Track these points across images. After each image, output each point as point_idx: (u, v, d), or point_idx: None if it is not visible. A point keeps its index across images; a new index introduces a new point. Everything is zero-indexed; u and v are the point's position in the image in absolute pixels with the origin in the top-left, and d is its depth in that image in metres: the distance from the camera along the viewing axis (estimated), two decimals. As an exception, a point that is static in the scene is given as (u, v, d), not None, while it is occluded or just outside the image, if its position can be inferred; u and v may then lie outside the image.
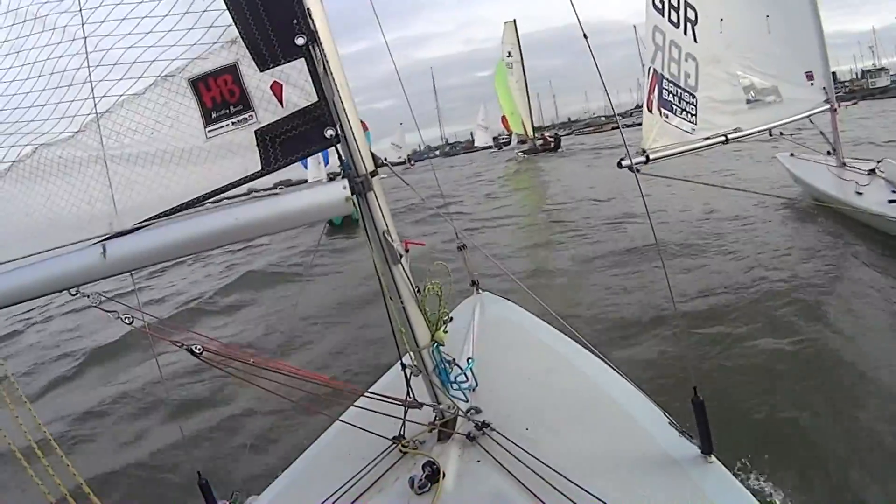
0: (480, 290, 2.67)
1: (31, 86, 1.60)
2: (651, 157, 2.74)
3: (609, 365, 1.92)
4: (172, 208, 1.48)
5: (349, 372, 4.69)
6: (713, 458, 1.50)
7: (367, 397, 1.63)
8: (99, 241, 1.47)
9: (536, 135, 40.38)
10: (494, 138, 58.76)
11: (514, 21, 39.40)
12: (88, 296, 1.50)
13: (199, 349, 1.46)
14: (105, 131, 1.53)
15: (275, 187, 1.53)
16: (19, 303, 1.57)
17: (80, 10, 1.57)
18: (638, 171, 2.06)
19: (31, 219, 1.59)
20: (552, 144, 37.10)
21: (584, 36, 1.87)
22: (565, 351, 2.10)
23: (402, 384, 1.66)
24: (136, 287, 1.57)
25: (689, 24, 3.35)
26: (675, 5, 3.17)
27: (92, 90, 1.54)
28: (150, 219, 1.47)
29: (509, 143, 47.95)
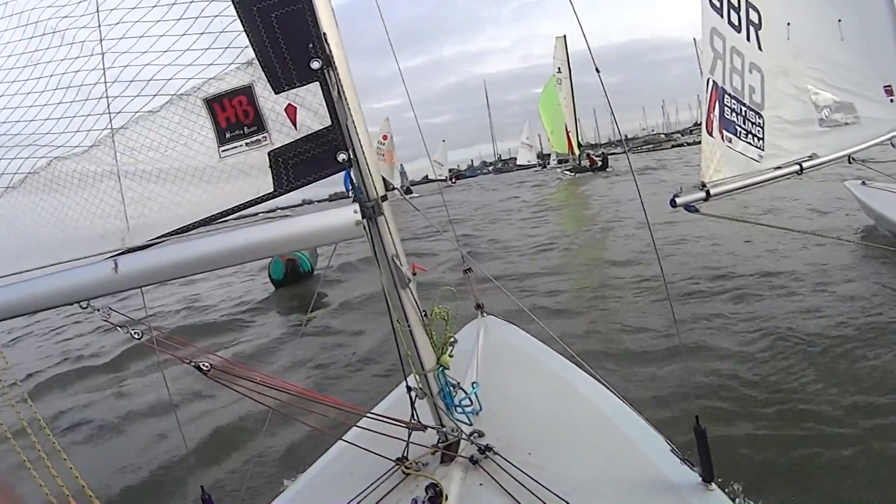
0: (485, 314, 2.68)
1: (47, 98, 1.62)
2: (712, 191, 2.02)
3: (612, 391, 1.93)
4: (185, 226, 1.49)
5: (353, 391, 4.69)
6: (714, 486, 1.51)
7: (371, 418, 1.64)
8: (111, 256, 1.49)
9: (582, 154, 38.93)
10: (539, 156, 58.45)
11: (564, 37, 38.23)
12: (99, 309, 1.52)
13: (206, 366, 1.47)
14: (119, 147, 1.54)
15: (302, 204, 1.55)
16: (32, 313, 1.59)
17: (99, 25, 1.58)
18: (696, 210, 1.87)
19: (45, 231, 1.61)
20: (599, 164, 36.08)
21: (597, 70, 1.87)
22: (569, 376, 2.11)
23: (406, 406, 1.67)
24: (145, 303, 1.58)
25: (752, 28, 2.77)
26: (736, 5, 2.60)
27: (108, 105, 1.55)
28: (163, 236, 1.48)
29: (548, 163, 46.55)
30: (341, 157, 1.47)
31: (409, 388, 1.66)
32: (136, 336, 1.52)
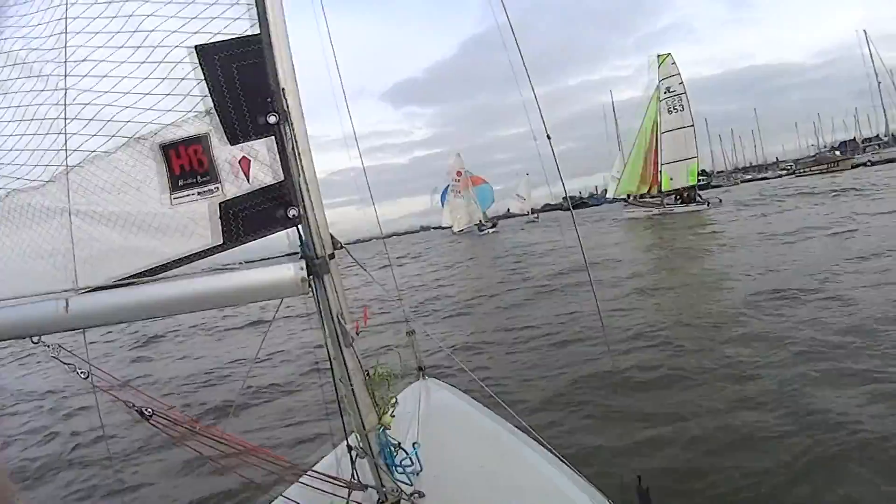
0: (426, 376, 2.67)
1: (12, 129, 1.62)
2: None
3: (555, 454, 1.92)
4: (135, 274, 1.48)
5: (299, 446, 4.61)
6: None
7: (313, 476, 1.62)
8: (61, 296, 1.49)
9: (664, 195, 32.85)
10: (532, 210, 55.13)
11: (669, 55, 32.91)
12: (49, 346, 1.52)
13: (149, 412, 1.47)
14: (73, 185, 1.54)
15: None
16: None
17: (66, 61, 1.59)
18: None
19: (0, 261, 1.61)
20: (684, 195, 31.73)
21: (548, 137, 1.87)
22: (509, 439, 2.11)
23: (346, 464, 1.66)
24: (87, 344, 1.58)
25: None
26: None
27: (65, 142, 1.56)
28: (116, 281, 1.48)
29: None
30: (291, 212, 1.47)
31: (349, 448, 1.65)
32: (82, 375, 1.52)
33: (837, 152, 60.35)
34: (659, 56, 33.23)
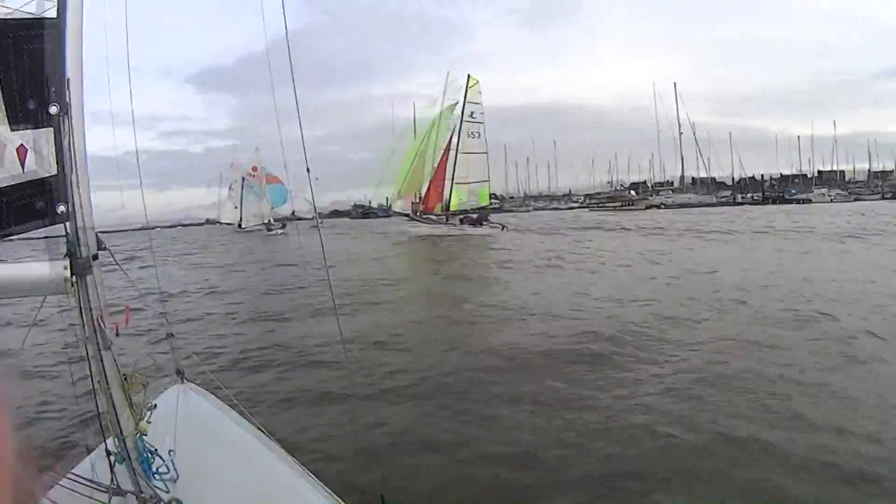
0: (185, 380, 2.64)
1: None
2: None
3: (295, 460, 2.08)
4: None
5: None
6: None
7: (71, 479, 1.62)
8: None
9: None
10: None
11: (478, 81, 33.32)
12: None
13: None
14: None
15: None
16: None
17: None
18: None
19: None
20: (473, 216, 31.25)
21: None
22: (259, 448, 2.18)
23: (105, 468, 1.66)
24: None
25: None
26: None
27: None
28: None
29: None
30: (60, 209, 1.43)
31: (108, 452, 1.65)
32: None
33: (632, 192, 65.87)
34: (469, 77, 33.20)
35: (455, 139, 32.87)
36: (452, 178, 32.65)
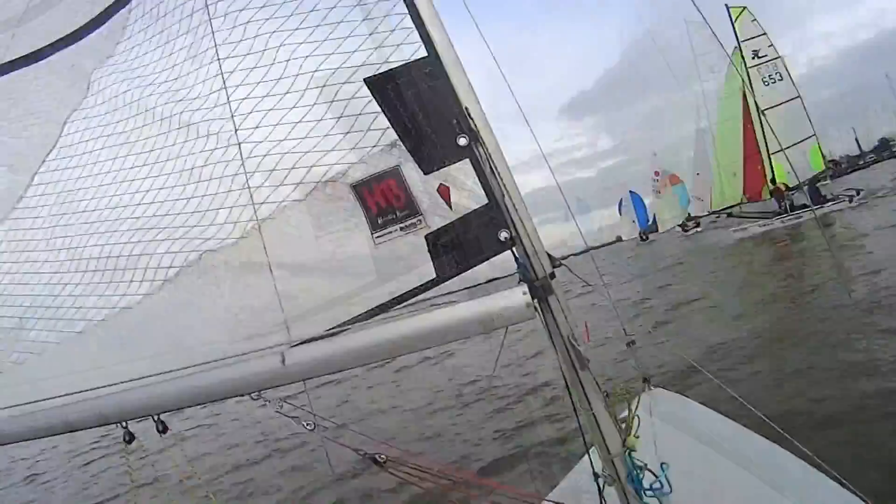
0: (652, 387, 2.51)
1: (192, 191, 1.63)
2: None
3: (803, 453, 1.81)
4: (347, 321, 1.47)
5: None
6: None
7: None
8: (276, 350, 1.50)
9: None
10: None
11: (745, 8, 23.14)
12: (269, 401, 1.54)
13: (382, 458, 1.48)
14: (268, 238, 1.53)
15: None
16: (201, 404, 1.64)
17: (232, 116, 1.56)
18: None
19: (205, 324, 1.64)
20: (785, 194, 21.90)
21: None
22: (753, 447, 1.99)
23: (585, 491, 1.60)
24: (307, 392, 1.60)
25: None
26: None
27: (251, 196, 1.54)
28: (328, 331, 1.48)
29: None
30: (503, 235, 1.41)
31: (595, 476, 1.60)
32: (308, 427, 1.54)
33: None
34: (729, 7, 22.90)
35: (750, 96, 22.53)
36: (766, 146, 22.55)
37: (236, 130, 1.56)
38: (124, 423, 1.70)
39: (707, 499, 1.80)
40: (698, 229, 37.26)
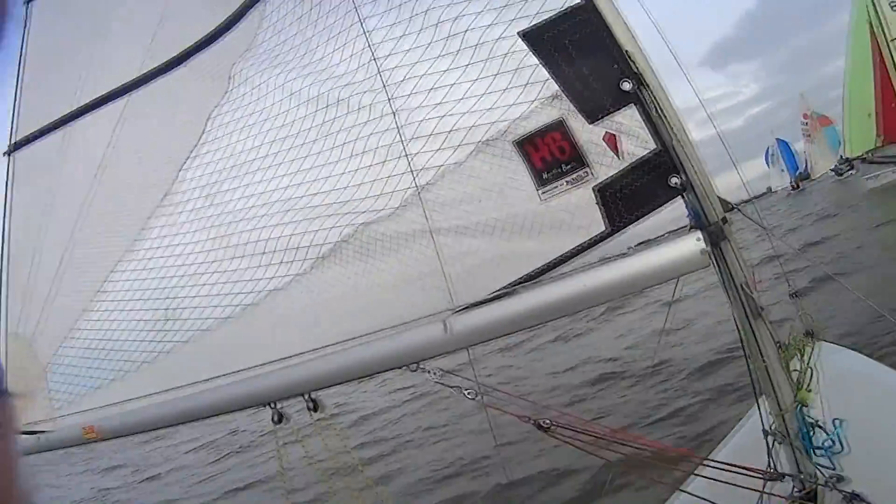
0: (819, 340, 2.38)
1: (344, 167, 1.66)
2: None
3: None
4: (515, 281, 1.46)
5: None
6: None
7: (716, 467, 1.51)
8: (439, 317, 1.50)
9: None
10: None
11: None
12: (430, 371, 1.54)
13: (546, 423, 1.45)
14: (429, 204, 1.54)
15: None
16: (363, 378, 1.66)
17: (385, 86, 1.59)
18: None
19: (360, 297, 1.66)
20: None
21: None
22: None
23: (752, 448, 1.52)
24: (471, 360, 1.58)
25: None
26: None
27: (409, 164, 1.56)
28: (494, 294, 1.47)
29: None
30: (674, 181, 1.36)
31: (765, 433, 1.52)
32: (469, 396, 1.53)
33: None
34: None
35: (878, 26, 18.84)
36: None
37: (390, 100, 1.58)
38: (274, 404, 1.73)
39: (883, 461, 1.66)
40: (852, 172, 29.85)
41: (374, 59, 1.60)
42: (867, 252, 9.27)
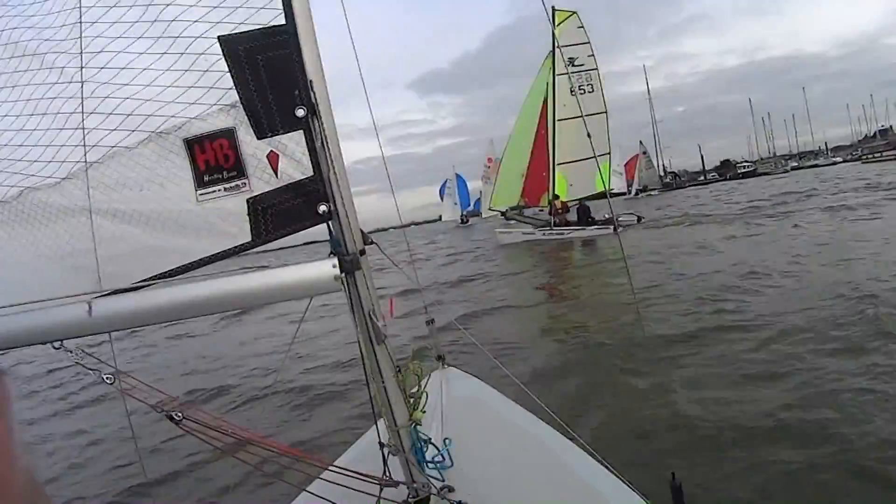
0: (446, 366, 2.61)
1: (22, 123, 1.56)
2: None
3: (581, 445, 1.91)
4: (161, 273, 1.44)
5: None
6: None
7: (338, 472, 1.60)
8: (83, 299, 1.43)
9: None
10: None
11: (575, 13, 22.03)
12: (71, 351, 1.46)
13: (178, 416, 1.43)
14: (93, 182, 1.49)
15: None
16: (3, 350, 1.54)
17: (81, 52, 1.53)
18: None
19: (17, 264, 1.55)
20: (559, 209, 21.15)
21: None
22: (534, 430, 2.08)
23: (372, 458, 1.64)
24: (113, 347, 1.53)
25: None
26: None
27: (84, 137, 1.50)
28: (141, 282, 1.43)
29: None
30: (322, 208, 1.43)
31: (381, 444, 1.62)
32: (107, 380, 1.47)
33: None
34: (555, 10, 21.06)
35: (551, 102, 22.11)
36: (553, 157, 21.93)
37: (82, 67, 1.52)
38: None
39: (485, 475, 1.85)
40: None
41: (81, 23, 1.54)
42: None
